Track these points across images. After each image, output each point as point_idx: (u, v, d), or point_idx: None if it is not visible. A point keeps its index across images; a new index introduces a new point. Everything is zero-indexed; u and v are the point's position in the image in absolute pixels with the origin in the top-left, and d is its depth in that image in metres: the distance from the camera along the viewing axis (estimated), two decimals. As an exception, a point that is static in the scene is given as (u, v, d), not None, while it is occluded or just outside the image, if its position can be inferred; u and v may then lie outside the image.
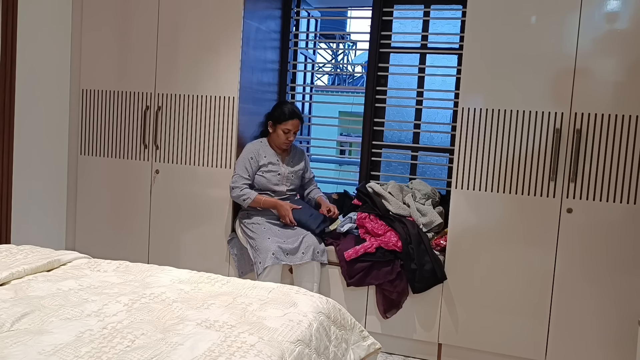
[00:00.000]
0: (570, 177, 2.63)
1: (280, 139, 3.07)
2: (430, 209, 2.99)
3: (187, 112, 3.17)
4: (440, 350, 2.91)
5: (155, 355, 1.38)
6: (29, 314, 1.60)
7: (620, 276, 2.57)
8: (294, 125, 3.06)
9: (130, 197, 3.30)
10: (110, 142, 3.34)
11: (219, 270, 3.08)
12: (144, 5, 3.19)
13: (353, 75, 6.94)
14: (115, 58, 3.29)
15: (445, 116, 3.69)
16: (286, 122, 3.04)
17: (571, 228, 2.63)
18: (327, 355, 1.75)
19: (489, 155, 2.74)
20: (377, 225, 2.98)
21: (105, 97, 3.33)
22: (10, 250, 2.20)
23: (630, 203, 2.56)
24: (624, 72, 2.53)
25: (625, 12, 2.52)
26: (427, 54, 3.47)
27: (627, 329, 2.55)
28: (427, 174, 3.62)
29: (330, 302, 1.96)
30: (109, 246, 3.33)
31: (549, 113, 2.64)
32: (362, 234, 3.01)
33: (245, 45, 3.10)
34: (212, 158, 3.14)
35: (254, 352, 1.44)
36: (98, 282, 1.97)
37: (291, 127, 3.05)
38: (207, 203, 3.15)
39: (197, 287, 1.99)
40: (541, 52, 2.63)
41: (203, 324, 1.61)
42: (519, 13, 2.66)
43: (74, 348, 1.40)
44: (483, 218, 2.76)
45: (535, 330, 2.71)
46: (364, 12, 3.64)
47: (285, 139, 3.06)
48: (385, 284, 2.85)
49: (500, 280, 2.74)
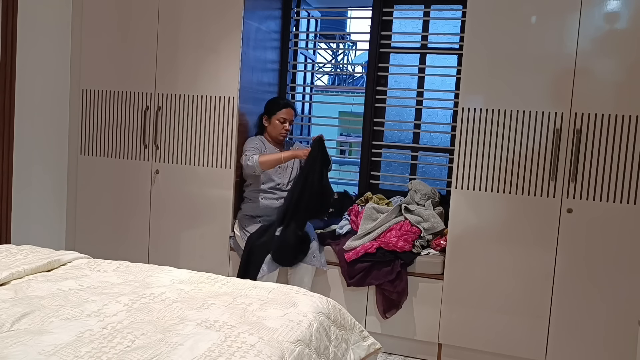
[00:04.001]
0: (570, 177, 2.63)
1: (277, 130, 3.09)
2: (433, 214, 2.98)
3: (187, 112, 3.17)
4: (440, 350, 2.91)
5: (155, 355, 1.38)
6: (29, 314, 1.60)
7: (620, 276, 2.57)
8: (288, 114, 3.11)
9: (130, 197, 3.30)
10: (110, 142, 3.34)
11: (219, 270, 3.08)
12: (144, 5, 3.19)
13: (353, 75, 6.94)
14: (115, 58, 3.29)
15: (445, 116, 3.68)
16: (280, 110, 3.10)
17: (571, 228, 2.63)
18: (327, 355, 1.75)
19: (489, 155, 2.74)
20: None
21: (105, 97, 3.33)
22: (10, 250, 2.20)
23: (630, 203, 2.56)
24: (624, 72, 2.53)
25: (625, 12, 2.52)
26: (427, 54, 3.47)
27: (627, 329, 2.55)
28: (427, 174, 3.62)
29: (330, 302, 1.96)
30: (109, 246, 3.33)
31: (548, 113, 2.64)
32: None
33: (245, 45, 3.10)
34: (212, 158, 3.14)
35: (254, 352, 1.44)
36: (98, 282, 1.97)
37: (285, 115, 3.09)
38: (207, 203, 3.15)
39: (197, 287, 1.99)
40: (541, 52, 2.63)
41: (203, 324, 1.61)
42: (519, 13, 2.66)
43: (74, 348, 1.40)
44: (483, 218, 2.76)
45: (535, 330, 2.71)
46: (364, 12, 3.64)
47: (282, 128, 3.10)
48: (385, 284, 2.85)
49: (500, 280, 2.74)
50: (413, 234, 2.91)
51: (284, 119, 3.09)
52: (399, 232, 2.92)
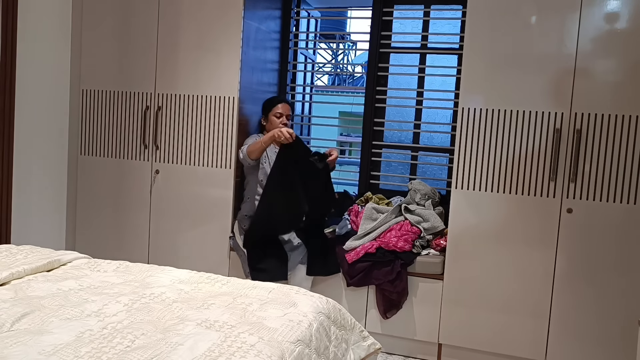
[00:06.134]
0: (570, 177, 2.63)
1: (274, 125, 3.11)
2: (433, 214, 2.98)
3: (187, 112, 3.17)
4: (440, 350, 2.91)
5: (155, 355, 1.38)
6: (29, 314, 1.60)
7: (620, 276, 2.57)
8: (285, 109, 3.13)
9: (130, 197, 3.30)
10: (110, 142, 3.34)
11: (219, 270, 3.08)
12: (144, 5, 3.19)
13: (353, 75, 6.93)
14: (115, 58, 3.29)
15: (445, 116, 3.68)
16: (276, 106, 3.14)
17: (571, 228, 2.63)
18: (327, 355, 1.75)
19: (489, 155, 2.74)
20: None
21: (105, 97, 3.33)
22: (10, 250, 2.20)
23: (630, 203, 2.56)
24: (624, 72, 2.53)
25: (625, 12, 2.52)
26: (427, 54, 3.47)
27: (627, 329, 2.55)
28: (427, 174, 3.62)
29: (330, 302, 1.96)
30: (109, 246, 3.33)
31: (549, 113, 2.64)
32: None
33: (245, 45, 3.10)
34: (212, 158, 3.14)
35: (254, 352, 1.44)
36: (98, 282, 1.97)
37: (282, 110, 3.12)
38: (207, 203, 3.15)
39: (197, 287, 1.98)
40: (541, 52, 2.63)
41: (203, 324, 1.61)
42: (519, 13, 2.65)
43: (74, 348, 1.40)
44: (483, 218, 2.76)
45: (535, 330, 2.71)
46: (364, 12, 3.64)
47: (279, 123, 3.12)
48: (385, 284, 2.85)
49: (500, 280, 2.74)
50: (413, 234, 2.91)
51: (280, 113, 3.11)
52: (399, 232, 2.92)
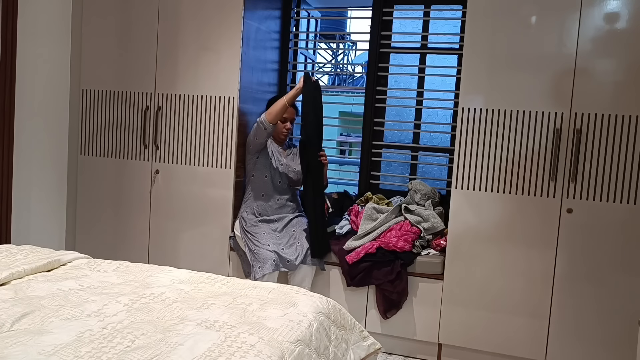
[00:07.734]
0: (570, 177, 2.63)
1: (278, 128, 3.10)
2: (433, 214, 2.98)
3: (187, 112, 3.17)
4: (440, 350, 2.91)
5: (155, 355, 1.38)
6: (29, 314, 1.60)
7: (620, 276, 2.57)
8: (290, 112, 3.11)
9: (130, 197, 3.30)
10: (110, 142, 3.34)
11: (219, 270, 3.08)
12: (144, 5, 3.19)
13: (353, 75, 6.94)
14: (115, 58, 3.29)
15: (445, 116, 3.69)
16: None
17: (571, 228, 2.63)
18: (327, 355, 1.75)
19: (489, 155, 2.74)
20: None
21: (105, 97, 3.33)
22: (10, 250, 2.20)
23: (630, 203, 2.56)
24: (624, 72, 2.53)
25: (625, 12, 2.52)
26: (427, 54, 3.47)
27: (627, 329, 2.55)
28: (427, 174, 3.62)
29: (330, 302, 1.96)
30: (109, 246, 3.33)
31: (549, 113, 2.64)
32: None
33: (245, 45, 3.10)
34: (212, 158, 3.14)
35: (254, 352, 1.44)
36: (98, 282, 1.97)
37: (287, 114, 3.09)
38: (207, 203, 3.15)
39: (197, 287, 1.98)
40: (541, 52, 2.63)
41: (203, 324, 1.61)
42: (519, 13, 2.65)
43: (74, 348, 1.40)
44: (483, 218, 2.76)
45: (535, 330, 2.71)
46: (364, 12, 3.64)
47: (283, 127, 3.11)
48: (385, 284, 2.85)
49: (500, 280, 2.74)
50: (413, 234, 2.91)
51: (284, 118, 3.09)
52: (399, 232, 2.92)
